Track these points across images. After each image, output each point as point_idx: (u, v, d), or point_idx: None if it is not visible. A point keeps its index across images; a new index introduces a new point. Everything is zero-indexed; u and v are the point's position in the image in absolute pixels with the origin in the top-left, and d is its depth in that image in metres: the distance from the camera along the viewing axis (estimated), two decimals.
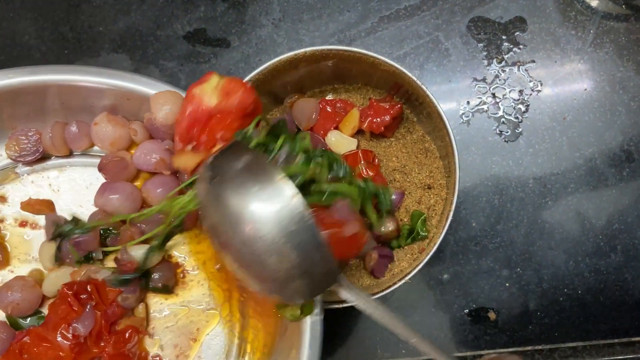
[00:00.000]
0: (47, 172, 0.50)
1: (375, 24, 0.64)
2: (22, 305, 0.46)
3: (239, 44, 0.65)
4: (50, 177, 0.50)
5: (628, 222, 0.60)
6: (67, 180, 0.49)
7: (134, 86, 0.43)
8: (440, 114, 0.47)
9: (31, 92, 0.44)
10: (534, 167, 0.61)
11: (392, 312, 0.37)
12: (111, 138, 0.46)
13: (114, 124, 0.46)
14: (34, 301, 0.47)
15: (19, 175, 0.50)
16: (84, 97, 0.45)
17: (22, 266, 0.48)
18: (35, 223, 0.49)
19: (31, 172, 0.50)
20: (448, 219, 0.47)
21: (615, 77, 0.62)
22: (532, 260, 0.60)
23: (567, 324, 0.60)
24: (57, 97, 0.45)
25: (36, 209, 0.48)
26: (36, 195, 0.49)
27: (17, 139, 0.48)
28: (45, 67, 0.43)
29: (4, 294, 0.46)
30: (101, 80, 0.43)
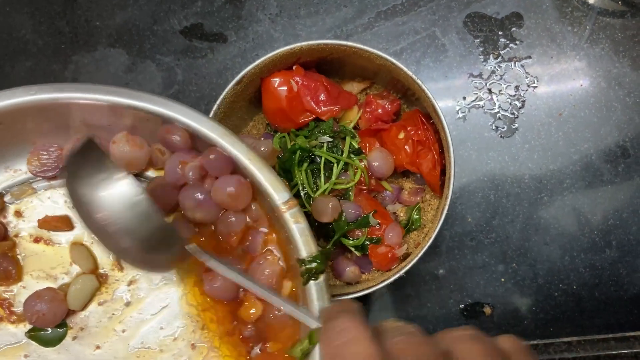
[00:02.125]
0: (63, 188, 0.49)
1: (372, 19, 0.65)
2: (47, 317, 0.46)
3: (236, 39, 0.65)
4: (67, 193, 0.49)
5: (623, 217, 0.60)
6: None
7: (154, 108, 0.43)
8: (436, 109, 0.47)
9: (53, 109, 0.44)
10: (530, 162, 0.61)
11: (251, 279, 0.41)
12: (128, 158, 0.46)
13: (132, 144, 0.45)
14: (59, 314, 0.47)
15: (35, 190, 0.49)
16: (104, 116, 0.45)
17: (34, 282, 0.48)
18: (50, 239, 0.49)
19: (48, 187, 0.49)
20: (443, 213, 0.47)
21: (611, 73, 0.62)
22: (527, 256, 0.61)
23: (562, 319, 0.60)
24: (78, 115, 0.45)
25: (53, 226, 0.48)
26: (52, 211, 0.49)
27: (38, 154, 0.48)
28: (68, 85, 0.43)
29: (32, 302, 0.46)
30: (121, 100, 0.43)
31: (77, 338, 0.48)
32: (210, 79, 0.65)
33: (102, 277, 0.48)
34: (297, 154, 0.50)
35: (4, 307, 0.48)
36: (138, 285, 0.48)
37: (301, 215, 0.41)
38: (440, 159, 0.51)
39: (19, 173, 0.49)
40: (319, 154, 0.51)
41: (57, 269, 0.48)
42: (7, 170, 0.49)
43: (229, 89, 0.50)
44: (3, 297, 0.48)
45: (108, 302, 0.48)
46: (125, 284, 0.48)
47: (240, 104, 0.53)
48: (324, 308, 0.38)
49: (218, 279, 0.44)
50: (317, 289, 0.40)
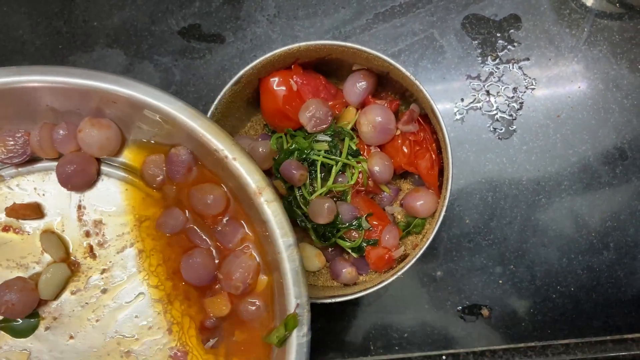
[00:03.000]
0: (32, 175, 0.48)
1: (370, 20, 0.64)
2: (17, 307, 0.45)
3: (234, 39, 0.65)
4: (36, 180, 0.48)
5: (621, 219, 0.60)
6: (54, 184, 0.48)
7: (119, 89, 0.42)
8: (434, 110, 0.47)
9: (17, 93, 0.43)
10: (528, 164, 0.61)
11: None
12: (98, 142, 0.45)
13: (99, 127, 0.44)
14: (29, 304, 0.46)
15: (3, 177, 0.48)
16: (70, 100, 0.43)
17: (4, 272, 0.47)
18: (20, 228, 0.48)
19: (16, 175, 0.48)
20: (441, 215, 0.47)
21: (609, 75, 0.62)
22: (525, 258, 0.60)
23: (559, 321, 0.60)
24: (44, 99, 0.44)
25: (22, 214, 0.47)
26: (20, 199, 0.48)
27: (4, 140, 0.46)
28: (31, 68, 0.42)
29: (1, 293, 0.45)
30: (85, 82, 0.42)
31: (50, 328, 0.47)
32: (208, 80, 0.65)
33: (74, 265, 0.48)
34: (294, 155, 0.50)
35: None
36: (112, 273, 0.48)
37: (275, 197, 0.41)
38: (438, 159, 0.51)
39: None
40: (315, 157, 0.51)
41: (27, 258, 0.48)
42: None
43: (227, 89, 0.50)
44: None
45: (81, 290, 0.48)
46: (98, 272, 0.48)
47: (238, 104, 0.53)
48: None
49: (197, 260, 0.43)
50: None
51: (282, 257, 0.40)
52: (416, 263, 0.60)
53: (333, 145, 0.51)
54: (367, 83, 0.52)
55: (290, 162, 0.49)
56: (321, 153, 0.51)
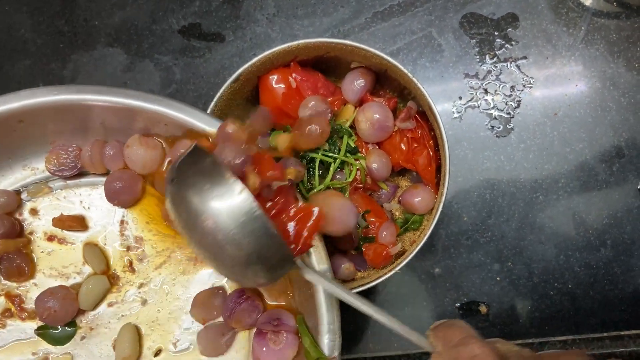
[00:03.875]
0: (79, 188, 0.50)
1: (369, 19, 0.65)
2: (58, 314, 0.46)
3: (234, 38, 0.66)
4: (82, 194, 0.50)
5: (617, 216, 0.60)
6: (98, 198, 0.50)
7: (169, 111, 0.43)
8: (432, 107, 0.48)
9: (73, 110, 0.44)
10: (525, 162, 0.62)
11: (353, 294, 0.38)
12: (142, 160, 0.46)
13: (146, 146, 0.45)
14: (70, 313, 0.47)
15: (52, 189, 0.50)
16: (121, 118, 0.45)
17: (46, 280, 0.49)
18: (64, 238, 0.49)
19: (64, 187, 0.50)
20: (438, 211, 0.48)
21: (606, 74, 0.62)
22: (523, 255, 0.61)
23: (557, 318, 0.60)
24: (98, 117, 0.46)
25: (67, 225, 0.49)
26: (67, 210, 0.50)
27: (57, 153, 0.48)
28: (90, 88, 0.43)
29: (44, 299, 0.46)
30: (138, 103, 0.43)
31: (86, 337, 0.48)
32: (208, 79, 0.65)
33: (113, 278, 0.49)
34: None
35: (15, 303, 0.48)
36: (148, 288, 0.49)
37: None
38: (435, 156, 0.51)
39: (36, 171, 0.50)
40: (314, 155, 0.51)
41: (69, 267, 0.49)
42: (25, 168, 0.50)
43: (226, 86, 0.50)
44: (15, 294, 0.49)
45: (118, 303, 0.49)
46: (136, 286, 0.49)
47: (237, 102, 0.53)
48: (436, 326, 0.38)
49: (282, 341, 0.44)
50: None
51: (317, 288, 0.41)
52: (414, 260, 0.61)
53: (332, 142, 0.52)
54: (365, 81, 0.53)
55: (288, 159, 0.49)
56: (320, 151, 0.51)
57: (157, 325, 0.48)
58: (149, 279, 0.49)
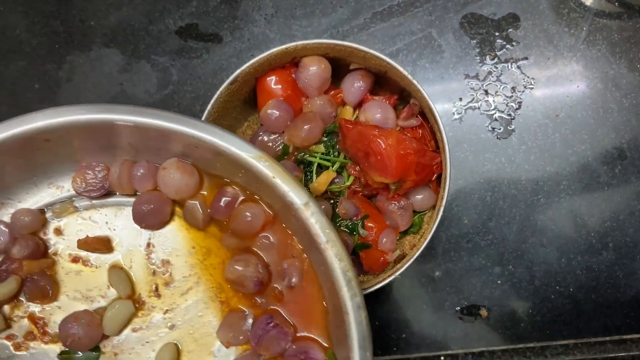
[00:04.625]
0: (105, 209, 0.48)
1: (368, 20, 0.64)
2: (82, 341, 0.45)
3: (231, 39, 0.65)
4: (109, 214, 0.48)
5: (620, 219, 0.60)
6: (125, 219, 0.48)
7: (204, 135, 0.41)
8: (432, 109, 0.47)
9: (103, 130, 0.43)
10: (527, 164, 0.61)
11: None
12: (177, 185, 0.44)
13: (182, 171, 0.44)
14: (94, 338, 0.46)
15: (77, 209, 0.48)
16: (152, 140, 0.44)
17: (70, 303, 0.47)
18: (88, 260, 0.48)
19: (90, 207, 0.48)
20: (439, 215, 0.47)
21: (607, 75, 0.62)
22: (524, 258, 0.60)
23: (558, 322, 0.60)
24: (127, 137, 0.44)
25: (92, 247, 0.47)
26: (92, 231, 0.48)
27: (84, 173, 0.47)
28: (119, 107, 0.42)
29: (68, 324, 0.45)
30: (168, 125, 0.41)
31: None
32: (205, 80, 0.65)
33: (138, 302, 0.48)
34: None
35: (39, 327, 0.47)
36: (174, 314, 0.48)
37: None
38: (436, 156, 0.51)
39: (61, 190, 0.48)
40: (311, 159, 0.50)
41: (93, 291, 0.47)
42: (50, 186, 0.48)
43: (223, 88, 0.49)
44: (38, 316, 0.47)
45: (143, 329, 0.47)
46: (162, 312, 0.47)
47: (234, 103, 0.53)
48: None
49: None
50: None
51: (349, 319, 0.39)
52: (414, 263, 0.60)
53: (330, 145, 0.51)
54: (364, 83, 0.52)
55: (285, 163, 0.49)
56: (317, 155, 0.50)
57: (186, 352, 0.47)
58: (176, 305, 0.48)
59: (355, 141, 0.48)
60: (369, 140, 0.47)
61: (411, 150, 0.47)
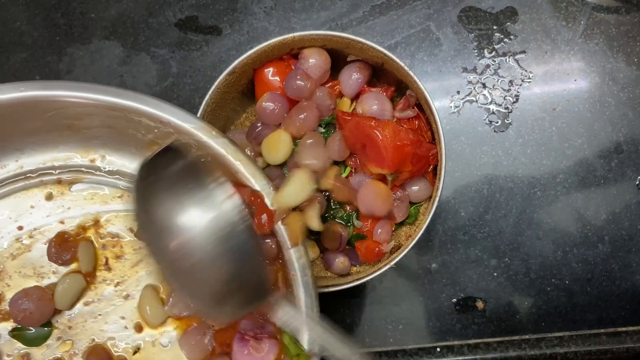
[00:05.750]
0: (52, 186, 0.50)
1: (367, 12, 0.65)
2: (34, 316, 0.45)
3: (231, 31, 0.65)
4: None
5: (616, 212, 0.60)
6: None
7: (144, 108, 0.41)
8: (428, 100, 0.47)
9: (44, 107, 0.43)
10: (523, 157, 0.61)
11: (332, 332, 0.39)
12: None
13: None
14: (45, 314, 0.46)
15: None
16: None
17: (20, 281, 0.48)
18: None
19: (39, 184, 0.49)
20: (434, 205, 0.47)
21: (605, 69, 0.62)
22: (520, 250, 0.61)
23: (554, 314, 0.60)
24: (80, 116, 0.44)
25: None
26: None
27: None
28: (61, 83, 0.41)
29: (19, 301, 0.45)
30: (111, 99, 0.41)
31: (62, 338, 0.48)
32: (204, 72, 0.65)
33: (89, 276, 0.48)
34: None
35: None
36: (126, 286, 0.48)
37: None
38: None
39: (5, 169, 0.48)
40: None
41: (45, 267, 0.48)
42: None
43: (221, 79, 0.50)
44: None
45: (95, 302, 0.48)
46: (112, 285, 0.48)
47: (232, 95, 0.53)
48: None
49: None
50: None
51: (296, 279, 0.41)
52: (411, 255, 0.61)
53: (326, 137, 0.51)
54: (362, 75, 0.52)
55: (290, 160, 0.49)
56: None
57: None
58: (127, 277, 0.48)
59: (352, 132, 0.49)
60: (366, 131, 0.47)
61: (408, 141, 0.47)
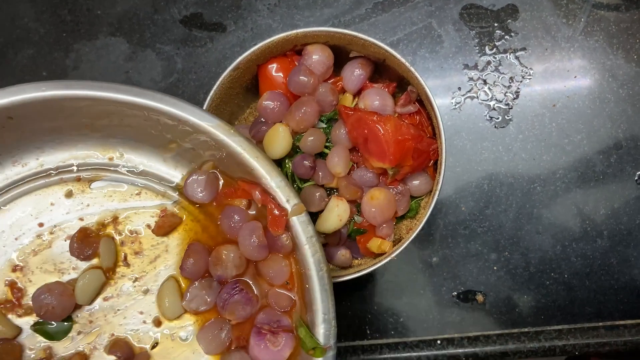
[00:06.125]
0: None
1: (370, 10, 0.65)
2: (55, 311, 0.46)
3: (235, 28, 0.66)
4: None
5: (614, 207, 0.61)
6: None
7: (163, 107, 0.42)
8: (428, 95, 0.48)
9: (65, 106, 0.44)
10: (523, 152, 0.62)
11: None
12: None
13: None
14: (66, 309, 0.47)
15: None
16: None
17: (41, 277, 0.49)
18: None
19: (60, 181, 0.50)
20: (434, 198, 0.48)
21: (605, 65, 0.63)
22: (520, 245, 0.61)
23: (553, 307, 0.61)
24: (94, 115, 0.46)
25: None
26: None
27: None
28: (81, 83, 0.43)
29: (42, 296, 0.46)
30: (126, 98, 0.43)
31: (83, 332, 0.49)
32: (209, 68, 0.66)
33: (108, 272, 0.49)
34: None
35: (15, 297, 0.48)
36: (145, 281, 0.49)
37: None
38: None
39: (26, 167, 0.49)
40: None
41: (65, 263, 0.49)
42: (14, 164, 0.49)
43: (226, 74, 0.51)
44: (19, 287, 0.49)
45: (114, 297, 0.49)
46: (131, 280, 0.49)
47: (236, 90, 0.54)
48: None
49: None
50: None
51: (311, 274, 0.42)
52: (412, 249, 0.62)
53: (329, 132, 0.52)
54: (364, 71, 0.53)
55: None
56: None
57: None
58: (145, 272, 0.49)
59: (355, 127, 0.50)
60: (368, 126, 0.48)
61: (409, 136, 0.48)
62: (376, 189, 0.51)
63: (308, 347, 0.42)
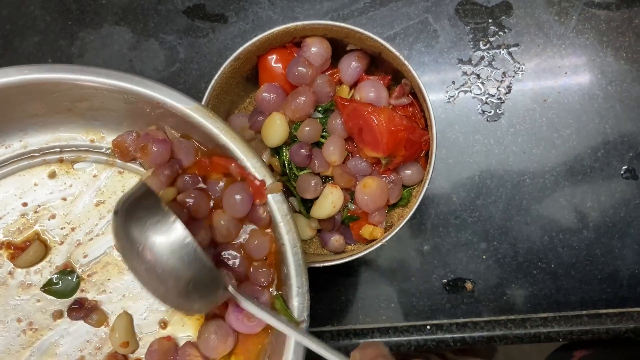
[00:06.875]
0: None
1: (368, 4, 0.67)
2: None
3: (236, 20, 0.68)
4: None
5: (601, 200, 0.63)
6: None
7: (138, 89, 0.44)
8: (421, 87, 0.50)
9: (48, 89, 0.45)
10: (514, 146, 0.64)
11: (304, 334, 0.42)
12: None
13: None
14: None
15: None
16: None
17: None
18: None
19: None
20: (424, 187, 0.50)
21: (594, 63, 0.65)
22: (508, 235, 0.63)
23: (539, 296, 0.63)
24: (80, 98, 0.47)
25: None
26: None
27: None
28: (63, 67, 0.44)
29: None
30: (111, 82, 0.45)
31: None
32: (211, 58, 0.68)
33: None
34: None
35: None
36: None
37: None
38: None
39: (10, 149, 0.51)
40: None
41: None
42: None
43: (227, 65, 0.52)
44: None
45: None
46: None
47: (237, 80, 0.56)
48: (357, 351, 0.41)
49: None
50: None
51: (286, 250, 0.44)
52: (405, 237, 0.64)
53: (325, 122, 0.54)
54: (360, 63, 0.55)
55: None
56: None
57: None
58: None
59: (350, 118, 0.52)
60: (363, 116, 0.50)
61: (402, 127, 0.50)
62: (369, 178, 0.53)
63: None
